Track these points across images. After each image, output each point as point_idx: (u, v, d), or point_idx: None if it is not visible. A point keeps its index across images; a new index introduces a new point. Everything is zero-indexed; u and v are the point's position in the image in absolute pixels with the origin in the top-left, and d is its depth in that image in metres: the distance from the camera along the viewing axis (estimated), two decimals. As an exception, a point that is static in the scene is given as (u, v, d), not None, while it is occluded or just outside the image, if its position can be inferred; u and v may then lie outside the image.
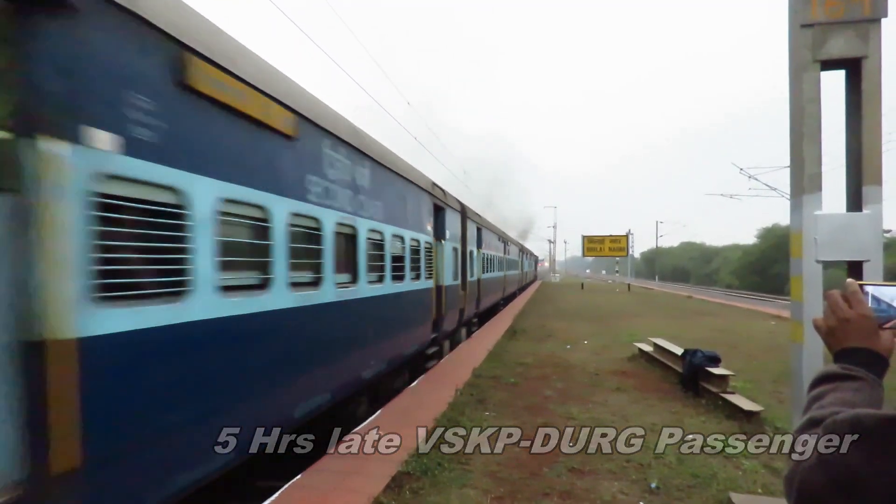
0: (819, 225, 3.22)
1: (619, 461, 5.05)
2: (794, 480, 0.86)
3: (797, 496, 0.85)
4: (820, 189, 3.28)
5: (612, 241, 41.99)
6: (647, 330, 14.29)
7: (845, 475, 0.78)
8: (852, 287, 1.05)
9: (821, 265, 3.25)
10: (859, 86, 3.22)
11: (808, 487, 0.83)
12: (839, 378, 0.99)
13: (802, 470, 0.85)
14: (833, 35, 3.23)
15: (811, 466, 0.83)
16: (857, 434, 0.79)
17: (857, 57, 3.22)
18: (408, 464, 4.79)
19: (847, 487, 0.77)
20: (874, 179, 3.17)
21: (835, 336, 1.05)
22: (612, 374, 9.10)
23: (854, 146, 3.28)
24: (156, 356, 2.88)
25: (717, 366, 7.49)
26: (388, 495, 4.21)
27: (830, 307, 1.06)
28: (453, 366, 9.63)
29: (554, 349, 11.77)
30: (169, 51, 3.01)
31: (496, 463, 4.97)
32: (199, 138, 3.28)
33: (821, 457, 0.82)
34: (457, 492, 4.35)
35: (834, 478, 0.79)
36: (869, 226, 3.15)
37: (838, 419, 0.83)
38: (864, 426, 0.79)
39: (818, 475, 0.82)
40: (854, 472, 0.77)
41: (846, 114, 3.35)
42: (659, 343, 9.83)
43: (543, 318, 18.59)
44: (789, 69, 3.40)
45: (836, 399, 0.95)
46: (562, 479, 4.62)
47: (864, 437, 0.78)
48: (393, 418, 6.26)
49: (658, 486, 4.50)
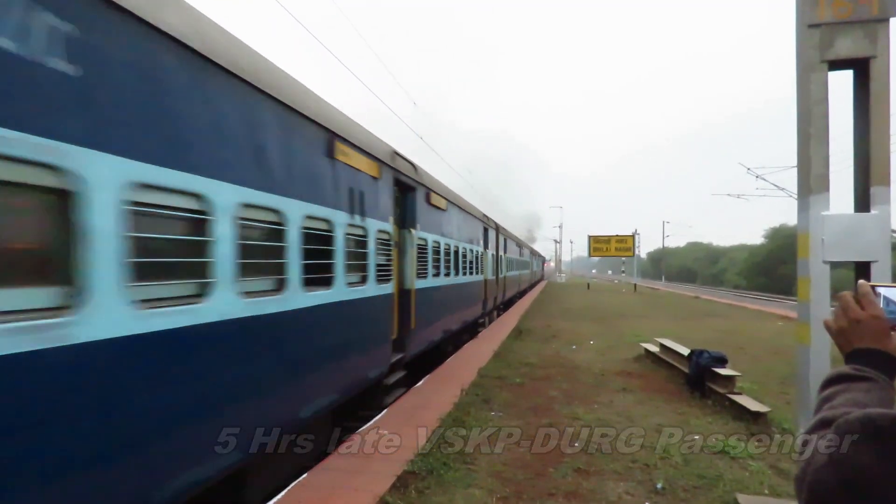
0: (826, 225, 3.20)
1: (624, 462, 5.04)
2: (804, 481, 0.86)
3: (808, 496, 0.84)
4: (827, 189, 3.27)
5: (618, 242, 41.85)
6: (652, 330, 14.24)
7: (857, 475, 0.78)
8: (864, 288, 1.04)
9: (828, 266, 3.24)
10: (867, 86, 3.21)
11: (820, 488, 0.82)
12: (850, 379, 0.99)
13: (814, 470, 0.84)
14: (841, 35, 3.21)
15: (822, 467, 0.83)
16: (868, 434, 0.78)
17: (865, 57, 3.20)
18: (413, 463, 4.80)
19: (858, 488, 0.77)
20: (882, 180, 3.16)
21: (846, 337, 1.04)
22: (617, 375, 9.07)
23: (862, 147, 3.26)
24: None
25: (724, 366, 7.46)
26: (394, 495, 4.23)
27: (842, 308, 1.06)
28: (459, 365, 9.64)
29: (559, 349, 11.75)
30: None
31: (501, 463, 4.97)
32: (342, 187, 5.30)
33: (832, 457, 0.82)
34: (462, 492, 4.36)
35: (845, 478, 0.79)
36: (877, 226, 3.13)
37: (850, 419, 0.83)
38: (875, 426, 0.78)
39: (829, 475, 0.81)
40: (865, 473, 0.77)
41: (854, 114, 3.34)
42: (665, 343, 9.79)
43: (549, 319, 18.56)
44: (796, 69, 3.39)
45: (846, 400, 0.95)
46: (567, 480, 4.62)
47: (876, 436, 0.77)
48: (398, 418, 6.28)
49: (664, 486, 4.49)
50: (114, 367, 2.61)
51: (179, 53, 3.09)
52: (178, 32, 3.05)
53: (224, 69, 3.47)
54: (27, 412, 2.19)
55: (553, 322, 17.40)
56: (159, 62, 2.95)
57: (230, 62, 3.54)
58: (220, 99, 3.47)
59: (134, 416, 2.72)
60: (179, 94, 3.11)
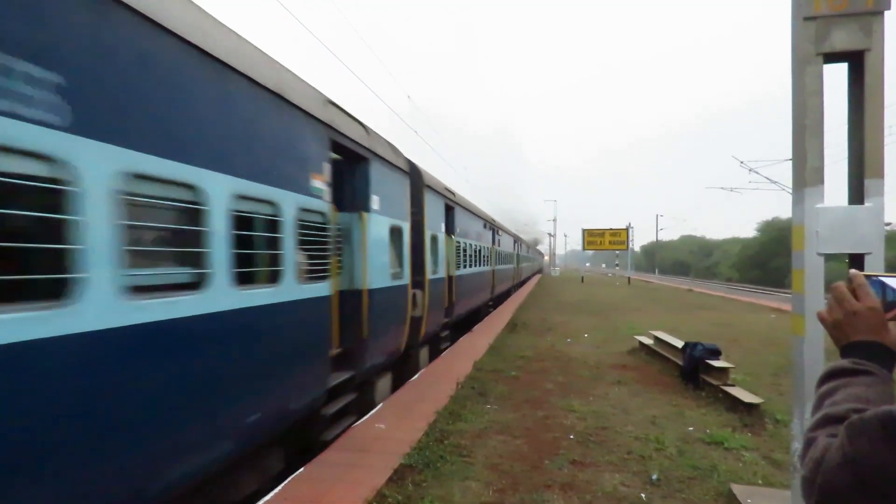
0: (821, 218, 3.22)
1: (619, 453, 5.08)
2: (815, 481, 0.83)
3: (820, 497, 0.82)
4: (822, 182, 3.28)
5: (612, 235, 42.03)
6: (647, 323, 14.32)
7: (876, 474, 0.75)
8: (859, 279, 1.01)
9: (822, 258, 3.26)
10: (862, 79, 3.21)
11: (833, 488, 0.80)
12: (850, 373, 0.96)
13: (826, 470, 0.81)
14: (836, 28, 3.21)
15: (836, 466, 0.80)
16: (888, 432, 0.76)
17: (859, 50, 3.21)
18: (410, 456, 4.82)
19: (877, 487, 0.75)
20: (876, 172, 3.17)
21: (842, 329, 1.01)
22: (612, 368, 9.13)
23: (856, 139, 3.28)
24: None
25: (718, 358, 7.52)
26: (391, 488, 4.24)
27: (836, 300, 1.02)
28: (454, 359, 9.66)
29: (554, 342, 11.80)
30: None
31: (498, 455, 5.00)
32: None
33: (846, 456, 0.79)
34: (459, 484, 4.38)
35: (863, 478, 0.76)
36: (871, 219, 3.15)
37: (866, 417, 0.79)
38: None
39: (844, 475, 0.78)
40: (886, 471, 0.74)
41: (848, 107, 3.35)
42: (659, 336, 9.86)
43: (544, 312, 18.62)
44: (791, 62, 3.39)
45: (848, 395, 0.92)
46: (563, 472, 4.65)
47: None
48: (395, 411, 6.30)
49: (659, 477, 4.53)
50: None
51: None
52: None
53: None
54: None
55: (548, 315, 17.46)
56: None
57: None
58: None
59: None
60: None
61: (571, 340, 12.19)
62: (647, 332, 11.18)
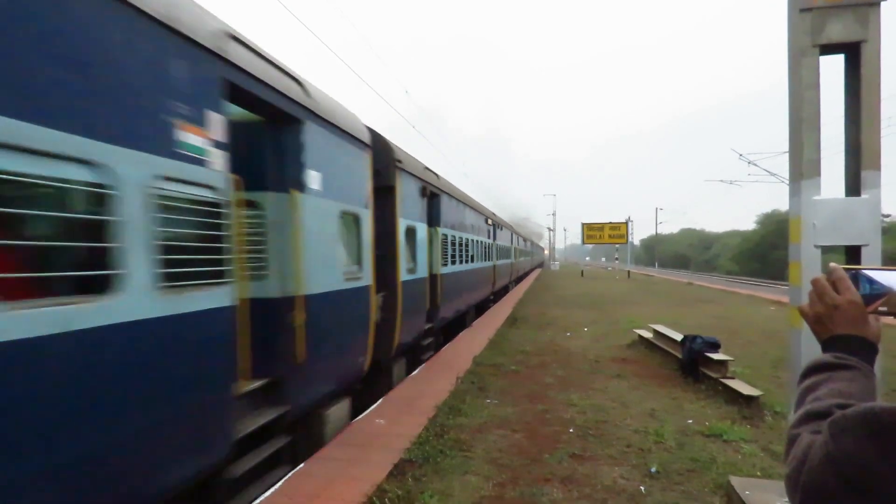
0: (818, 210, 3.22)
1: (619, 446, 5.10)
2: (798, 480, 0.81)
3: (803, 496, 0.80)
4: (819, 174, 3.28)
5: (611, 229, 42.00)
6: (646, 317, 14.34)
7: (859, 473, 0.74)
8: (839, 273, 1.00)
9: (819, 250, 3.26)
10: (858, 70, 3.21)
11: (817, 487, 0.78)
12: (831, 368, 0.95)
13: (809, 469, 0.80)
14: (832, 19, 3.21)
15: (819, 465, 0.78)
16: (872, 429, 0.74)
17: (856, 41, 3.20)
18: (410, 451, 4.84)
19: (860, 486, 0.74)
20: (873, 164, 3.17)
21: (823, 323, 1.00)
22: (611, 361, 9.15)
23: (853, 131, 3.28)
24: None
25: (717, 351, 7.53)
26: (392, 482, 4.26)
27: (817, 293, 1.01)
28: (454, 354, 9.68)
29: (554, 337, 11.82)
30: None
31: (497, 450, 5.02)
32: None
33: (829, 455, 0.77)
34: (459, 478, 4.40)
35: (846, 476, 0.75)
36: (867, 210, 3.16)
37: (848, 415, 0.78)
38: (881, 421, 0.74)
39: (827, 474, 0.77)
40: (869, 470, 0.73)
41: (845, 98, 3.35)
42: (658, 329, 9.88)
43: (543, 306, 18.64)
44: (788, 54, 3.39)
45: (831, 390, 0.91)
46: (563, 465, 4.67)
47: (882, 432, 0.73)
48: (394, 406, 6.31)
49: (658, 470, 4.55)
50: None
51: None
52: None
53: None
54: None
55: (547, 310, 17.48)
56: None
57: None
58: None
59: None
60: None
61: (571, 334, 12.21)
62: (647, 325, 11.20)
